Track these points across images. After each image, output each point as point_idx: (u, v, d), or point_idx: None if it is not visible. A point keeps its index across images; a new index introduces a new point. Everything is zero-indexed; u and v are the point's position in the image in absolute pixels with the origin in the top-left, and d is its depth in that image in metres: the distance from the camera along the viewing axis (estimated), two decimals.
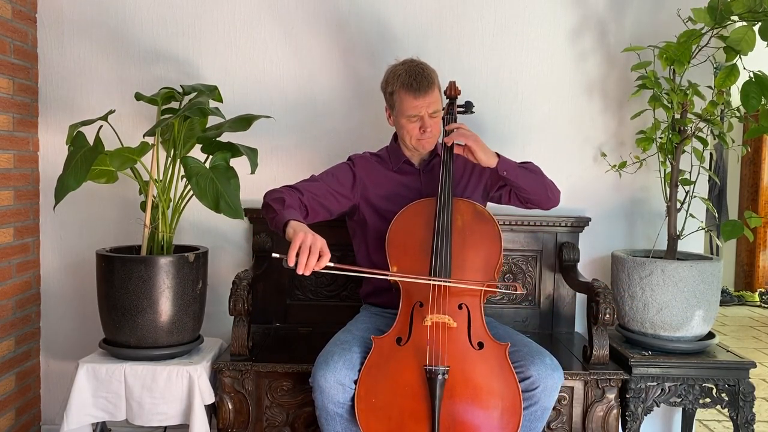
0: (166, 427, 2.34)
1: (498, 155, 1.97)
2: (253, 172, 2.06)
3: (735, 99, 2.20)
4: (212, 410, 2.13)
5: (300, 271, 1.65)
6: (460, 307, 1.81)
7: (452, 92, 2.15)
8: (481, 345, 1.78)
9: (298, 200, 1.91)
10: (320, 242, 1.68)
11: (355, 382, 1.75)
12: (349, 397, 1.75)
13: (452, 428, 1.71)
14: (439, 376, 1.69)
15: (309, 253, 1.65)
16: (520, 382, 1.74)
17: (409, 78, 1.96)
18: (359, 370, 1.76)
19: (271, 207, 1.87)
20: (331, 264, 1.69)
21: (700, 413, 2.99)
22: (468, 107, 2.16)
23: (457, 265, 1.85)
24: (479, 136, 1.97)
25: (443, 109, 2.10)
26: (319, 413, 1.80)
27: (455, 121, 2.08)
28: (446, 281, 1.80)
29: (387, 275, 1.85)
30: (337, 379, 1.73)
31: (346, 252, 2.46)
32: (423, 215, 1.92)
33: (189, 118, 2.14)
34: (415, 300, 1.83)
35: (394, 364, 1.76)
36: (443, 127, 2.07)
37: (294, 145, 2.56)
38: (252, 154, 2.10)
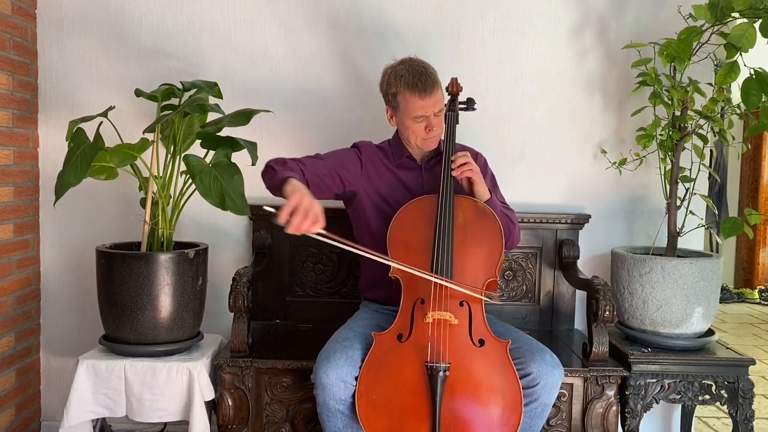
0: (166, 424, 2.35)
1: (490, 194, 1.97)
2: (253, 164, 2.06)
3: (735, 96, 2.20)
4: (212, 407, 2.13)
5: (289, 231, 1.58)
6: (461, 304, 1.81)
7: (454, 89, 2.14)
8: (482, 342, 1.78)
9: (300, 170, 1.90)
10: (318, 207, 1.63)
11: (357, 379, 1.75)
12: (351, 394, 1.75)
13: (453, 425, 1.71)
14: (440, 373, 1.69)
15: (304, 216, 1.59)
16: (520, 378, 1.74)
17: (414, 79, 1.94)
18: (360, 367, 1.77)
19: (272, 167, 1.86)
20: (324, 232, 1.62)
21: (700, 410, 3.00)
22: (470, 104, 2.16)
23: (459, 263, 1.85)
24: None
25: (445, 106, 2.10)
26: (320, 410, 1.80)
27: (457, 118, 2.09)
28: (447, 281, 1.79)
29: (384, 259, 1.80)
30: (339, 376, 1.73)
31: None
32: (425, 212, 1.92)
33: (189, 114, 2.14)
34: (417, 297, 1.83)
35: (395, 360, 1.76)
36: (452, 126, 2.06)
37: (294, 140, 2.55)
38: (252, 147, 2.11)
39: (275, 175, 1.82)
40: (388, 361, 1.76)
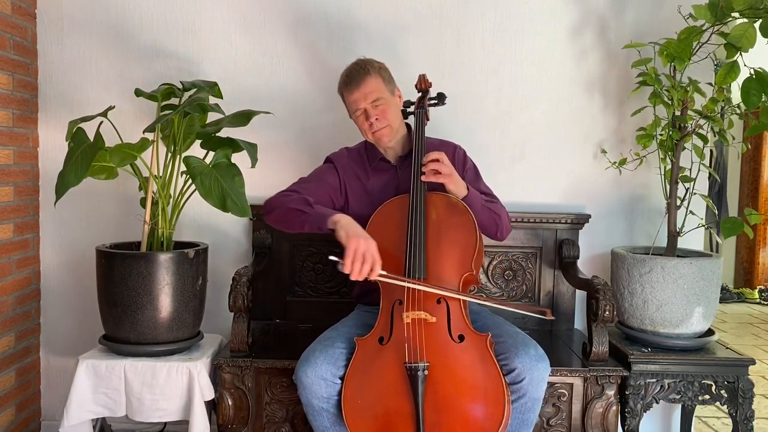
0: (166, 423, 2.35)
1: (468, 189, 1.95)
2: (253, 166, 2.06)
3: (735, 96, 2.20)
4: (212, 406, 2.13)
5: (354, 278, 1.70)
6: (438, 301, 1.80)
7: (423, 85, 2.15)
8: (462, 338, 1.76)
9: (306, 201, 1.91)
10: (373, 247, 1.72)
11: (341, 378, 1.76)
12: (334, 392, 1.76)
13: (437, 423, 1.69)
14: (419, 372, 1.69)
15: (364, 261, 1.69)
16: (506, 374, 1.72)
17: (346, 77, 2.02)
18: (345, 366, 1.77)
19: (297, 210, 1.88)
20: (384, 273, 1.73)
21: (700, 410, 3.00)
22: (440, 99, 2.16)
23: (433, 260, 1.84)
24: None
25: (414, 103, 2.13)
26: (306, 410, 1.81)
27: (427, 114, 2.10)
28: (426, 287, 1.78)
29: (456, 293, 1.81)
30: (318, 374, 1.74)
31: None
32: (397, 213, 1.92)
33: (189, 114, 2.14)
34: (395, 298, 1.82)
35: (378, 363, 1.76)
36: (420, 122, 2.05)
37: (294, 139, 2.56)
38: (252, 149, 2.11)
39: (308, 217, 1.85)
40: (370, 364, 1.76)
